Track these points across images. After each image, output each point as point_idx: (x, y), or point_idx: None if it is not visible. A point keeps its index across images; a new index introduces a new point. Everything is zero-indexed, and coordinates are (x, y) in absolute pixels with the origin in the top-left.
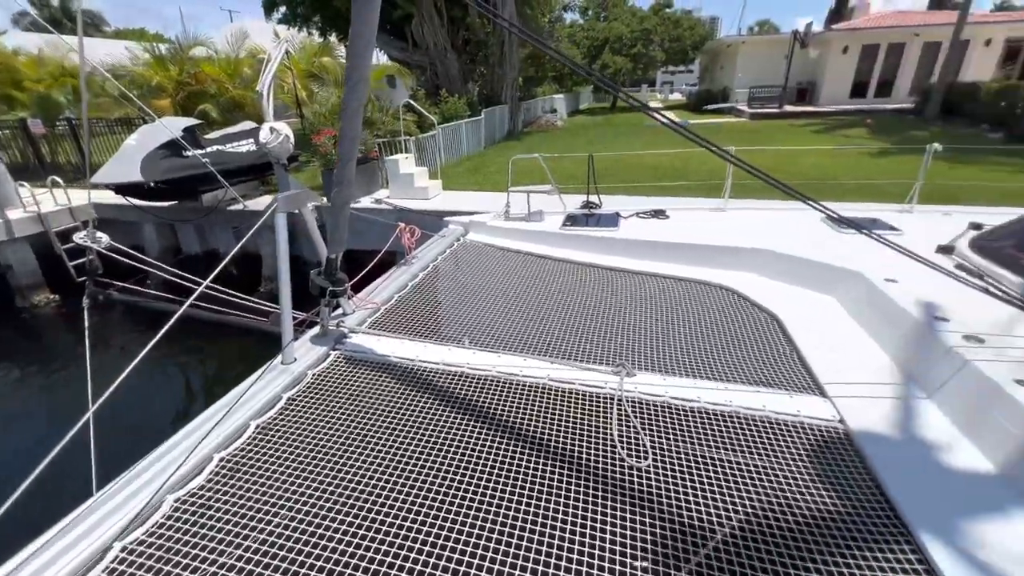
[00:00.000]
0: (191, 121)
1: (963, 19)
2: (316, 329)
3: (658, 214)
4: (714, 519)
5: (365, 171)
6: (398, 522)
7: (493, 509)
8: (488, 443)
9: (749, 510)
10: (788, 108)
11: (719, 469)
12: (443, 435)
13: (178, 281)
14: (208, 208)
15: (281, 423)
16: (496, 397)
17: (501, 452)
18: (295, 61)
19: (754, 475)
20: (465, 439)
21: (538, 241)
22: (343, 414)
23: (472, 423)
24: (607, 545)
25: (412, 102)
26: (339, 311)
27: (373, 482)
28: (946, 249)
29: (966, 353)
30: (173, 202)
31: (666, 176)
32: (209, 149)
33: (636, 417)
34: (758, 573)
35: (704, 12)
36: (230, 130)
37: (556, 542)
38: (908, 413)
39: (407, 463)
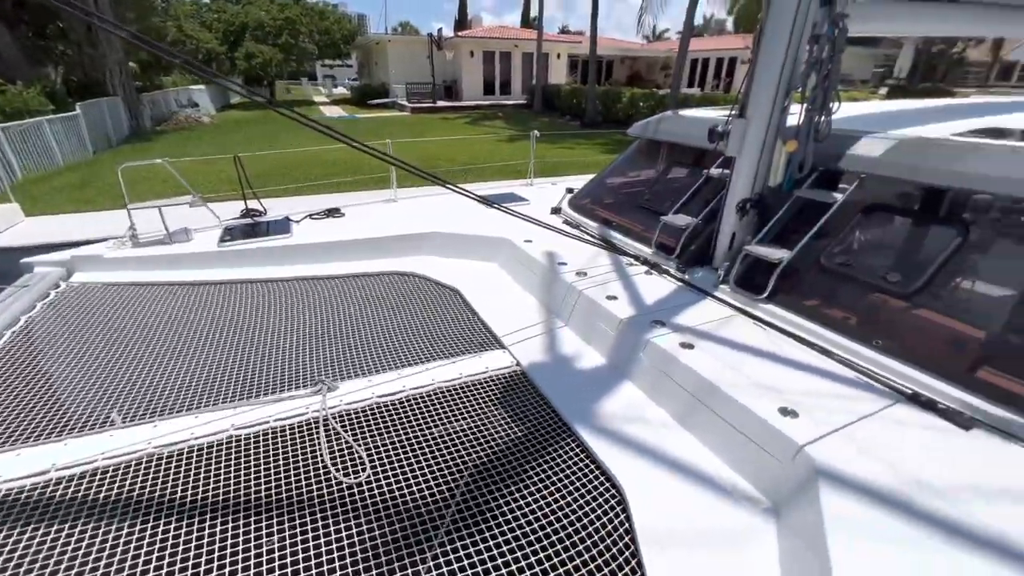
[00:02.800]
0: None
1: (540, 37)
2: None
3: (333, 213)
4: (445, 492)
5: None
6: None
7: None
8: (157, 552)
9: (470, 469)
10: (441, 103)
11: (436, 446)
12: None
13: None
14: None
15: None
16: (160, 484)
17: (181, 553)
18: None
19: (465, 437)
20: (119, 564)
21: (189, 265)
22: None
23: (124, 536)
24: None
25: None
26: None
27: None
28: (556, 210)
29: (578, 285)
30: None
31: (341, 172)
32: None
33: (347, 431)
34: (490, 518)
35: (349, 8)
36: None
37: None
38: (556, 340)
39: None
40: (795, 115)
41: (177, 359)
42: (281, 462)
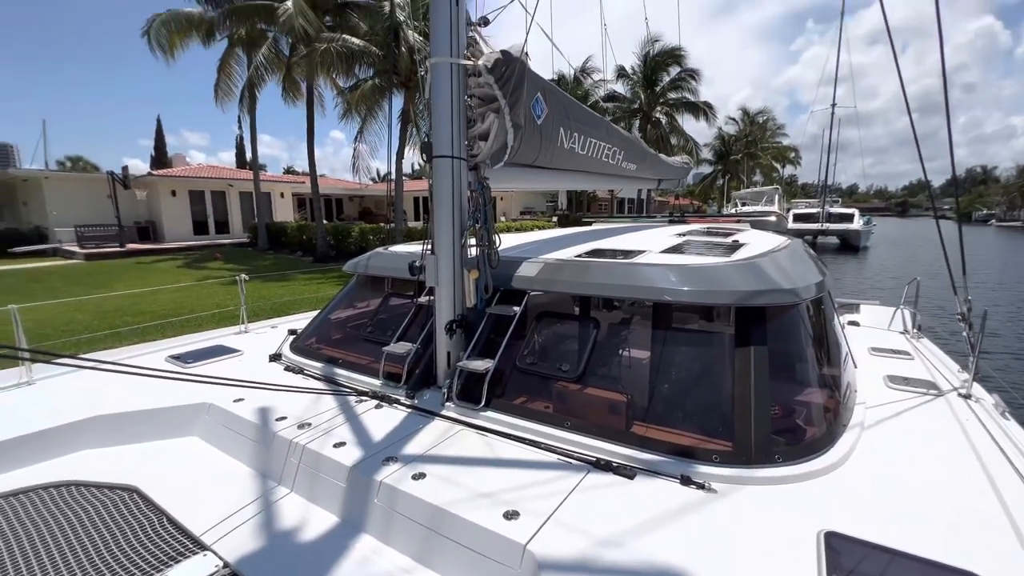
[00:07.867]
0: None
1: (257, 178)
2: None
3: None
4: None
5: None
6: None
7: None
8: None
9: None
10: (133, 246)
11: None
12: None
13: None
14: None
15: None
16: None
17: None
18: None
19: None
20: None
21: None
22: None
23: None
24: None
25: None
26: None
27: None
28: (275, 357)
29: (300, 439)
30: None
31: None
32: None
33: None
34: None
35: None
36: None
37: None
38: (276, 515)
39: None
40: (475, 247)
41: None
42: None
